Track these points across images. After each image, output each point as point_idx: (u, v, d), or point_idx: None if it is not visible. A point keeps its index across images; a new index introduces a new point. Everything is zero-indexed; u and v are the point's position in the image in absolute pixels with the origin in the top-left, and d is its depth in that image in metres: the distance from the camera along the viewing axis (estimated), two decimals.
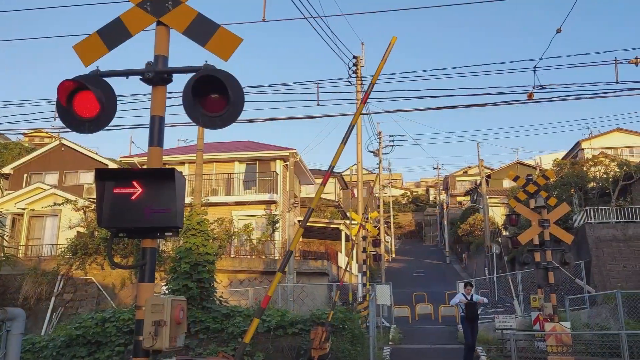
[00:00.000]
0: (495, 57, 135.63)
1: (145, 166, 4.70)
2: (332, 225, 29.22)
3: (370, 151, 37.22)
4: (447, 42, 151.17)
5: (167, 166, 4.51)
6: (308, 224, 28.07)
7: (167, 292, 11.64)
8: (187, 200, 18.27)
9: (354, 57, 22.51)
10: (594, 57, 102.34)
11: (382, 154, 39.70)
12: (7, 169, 29.40)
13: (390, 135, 53.31)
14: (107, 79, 4.71)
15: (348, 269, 28.67)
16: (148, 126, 4.67)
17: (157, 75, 4.63)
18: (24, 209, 25.51)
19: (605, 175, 25.40)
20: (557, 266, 12.77)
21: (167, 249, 19.99)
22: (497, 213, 40.66)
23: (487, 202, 35.84)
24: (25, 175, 29.17)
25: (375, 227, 27.55)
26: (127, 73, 4.76)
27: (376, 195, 49.52)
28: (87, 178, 28.73)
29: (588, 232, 21.67)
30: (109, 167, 27.91)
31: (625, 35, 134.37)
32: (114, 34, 4.83)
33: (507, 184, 44.58)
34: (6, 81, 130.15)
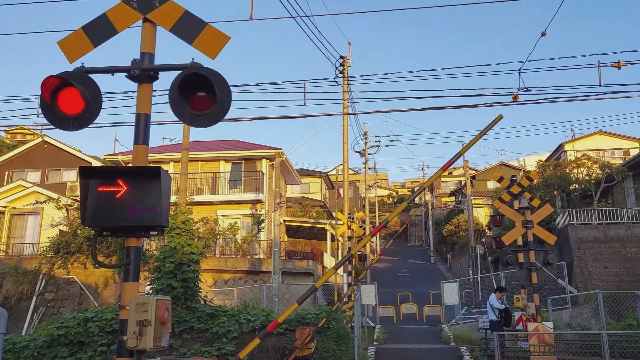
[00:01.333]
0: (481, 59, 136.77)
1: (130, 164, 4.65)
2: (317, 225, 29.21)
3: (357, 151, 37.23)
4: (433, 43, 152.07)
5: (152, 164, 4.48)
6: (293, 223, 28.01)
7: (151, 291, 11.55)
8: (172, 199, 18.14)
9: (341, 57, 22.53)
10: (577, 60, 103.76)
11: (368, 154, 39.80)
12: None
13: (376, 136, 53.41)
14: (92, 76, 4.66)
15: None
16: (133, 124, 4.63)
17: (143, 72, 4.59)
18: (5, 206, 25.12)
19: (587, 177, 25.71)
20: (540, 267, 12.90)
21: (151, 248, 19.84)
22: (482, 214, 40.98)
23: (472, 203, 36.09)
24: (6, 172, 28.74)
25: (360, 227, 27.62)
26: (112, 70, 4.71)
27: (361, 195, 49.66)
28: (70, 176, 28.39)
29: (570, 233, 21.93)
30: (93, 165, 27.62)
31: (609, 38, 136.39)
32: (99, 30, 4.78)
33: (491, 185, 44.93)
34: None
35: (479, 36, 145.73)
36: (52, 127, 4.74)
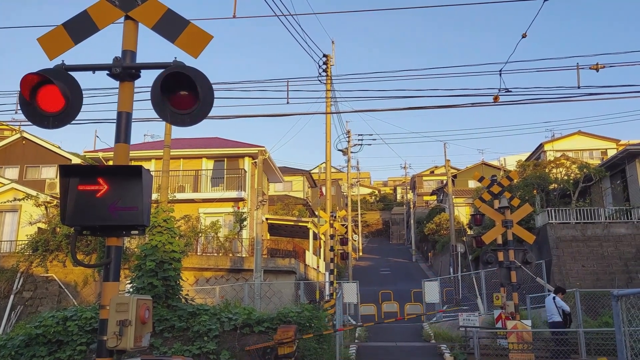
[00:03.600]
0: (463, 60, 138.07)
1: (110, 162, 4.62)
2: (300, 224, 29.21)
3: (339, 150, 37.25)
4: (415, 43, 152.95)
5: (133, 162, 4.46)
6: (275, 222, 27.95)
7: (131, 290, 11.45)
8: (154, 196, 17.98)
9: (324, 55, 22.54)
10: (557, 62, 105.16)
11: (351, 152, 39.86)
12: None
13: (359, 134, 53.61)
14: (72, 73, 4.61)
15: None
16: (114, 121, 4.60)
17: (124, 70, 4.56)
18: None
19: (566, 177, 26.13)
20: (519, 265, 13.07)
21: (132, 246, 19.66)
22: (463, 213, 41.37)
23: (453, 202, 36.39)
24: None
25: (343, 225, 27.68)
26: (93, 68, 4.67)
27: (344, 193, 49.75)
28: (50, 173, 28.01)
29: (549, 232, 22.26)
30: (73, 162, 27.28)
31: (588, 41, 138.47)
32: (80, 27, 4.73)
33: (472, 184, 45.39)
34: None
35: (461, 37, 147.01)
36: (31, 123, 4.69)
